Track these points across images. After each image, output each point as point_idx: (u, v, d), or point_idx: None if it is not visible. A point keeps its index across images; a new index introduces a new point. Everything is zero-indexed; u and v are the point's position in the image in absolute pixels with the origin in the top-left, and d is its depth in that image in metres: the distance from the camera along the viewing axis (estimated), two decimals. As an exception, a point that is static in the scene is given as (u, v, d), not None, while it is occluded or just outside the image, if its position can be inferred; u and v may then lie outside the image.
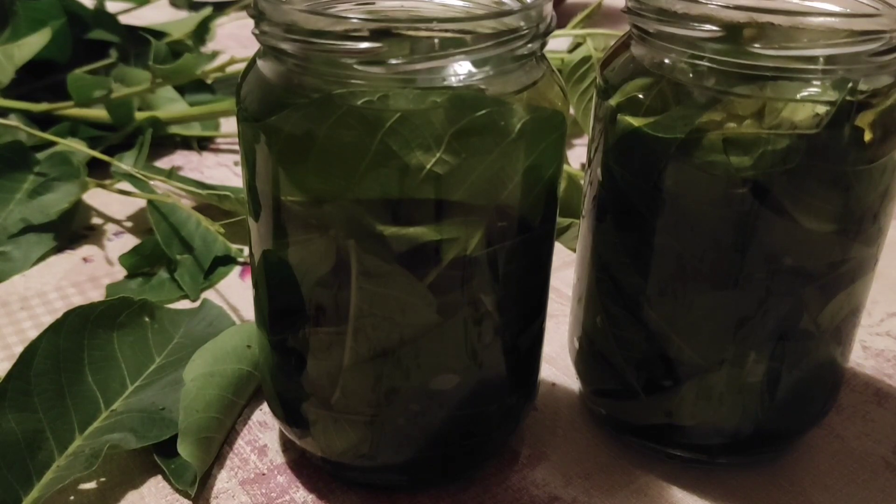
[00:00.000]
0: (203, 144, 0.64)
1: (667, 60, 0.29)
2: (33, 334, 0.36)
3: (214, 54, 0.79)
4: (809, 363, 0.32)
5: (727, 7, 0.28)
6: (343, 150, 0.25)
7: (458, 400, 0.30)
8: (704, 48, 0.28)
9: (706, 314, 0.30)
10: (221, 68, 0.61)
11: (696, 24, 0.28)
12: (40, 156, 0.53)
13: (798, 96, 0.27)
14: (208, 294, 0.45)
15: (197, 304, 0.42)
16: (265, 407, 0.37)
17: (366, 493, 0.33)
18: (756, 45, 0.27)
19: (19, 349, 0.35)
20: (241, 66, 0.64)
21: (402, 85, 0.25)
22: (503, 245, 0.28)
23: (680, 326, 0.31)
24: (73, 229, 0.51)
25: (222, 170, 0.60)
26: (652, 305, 0.31)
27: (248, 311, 0.44)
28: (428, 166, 0.25)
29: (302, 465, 0.34)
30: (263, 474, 0.34)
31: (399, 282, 0.27)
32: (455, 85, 0.26)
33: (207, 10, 0.83)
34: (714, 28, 0.28)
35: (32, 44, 0.61)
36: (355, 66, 0.25)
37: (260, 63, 0.28)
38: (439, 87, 0.26)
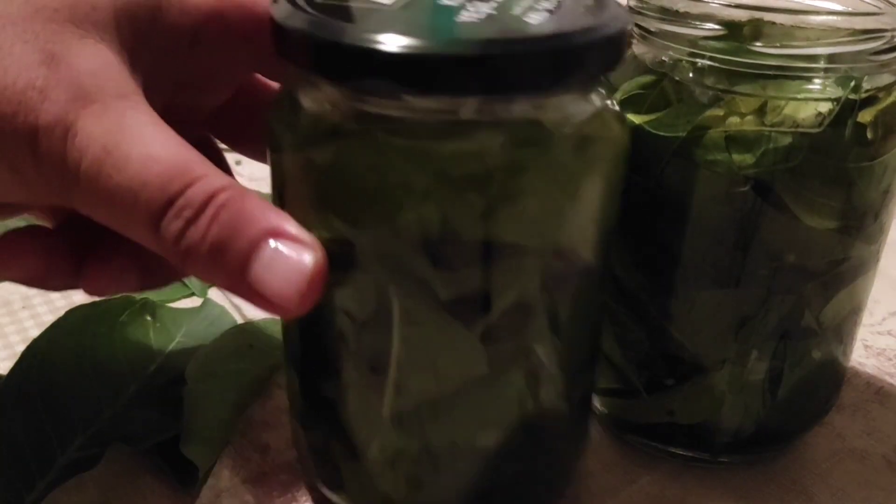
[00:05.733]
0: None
1: (668, 59, 0.29)
2: (35, 333, 0.36)
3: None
4: (811, 361, 0.32)
5: (729, 6, 0.28)
6: (384, 187, 0.23)
7: (505, 456, 0.28)
8: (706, 47, 0.28)
9: (708, 312, 0.30)
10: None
11: (697, 23, 0.28)
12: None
13: (800, 94, 0.27)
14: (210, 293, 0.45)
15: (199, 303, 0.42)
16: (267, 406, 0.37)
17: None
18: (758, 44, 0.27)
19: (21, 348, 0.35)
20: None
21: (450, 116, 0.23)
22: (559, 290, 0.26)
23: (682, 325, 0.31)
24: (75, 229, 0.51)
25: (224, 169, 0.60)
26: (654, 304, 0.31)
27: (249, 309, 0.44)
28: (479, 205, 0.23)
29: (304, 463, 0.34)
30: (266, 473, 0.34)
31: (446, 330, 0.25)
32: (509, 117, 0.23)
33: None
34: (716, 27, 0.28)
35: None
36: (401, 95, 0.22)
37: (294, 86, 0.25)
38: (492, 119, 0.23)
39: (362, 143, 0.23)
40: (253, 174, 0.59)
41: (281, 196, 0.26)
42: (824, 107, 0.27)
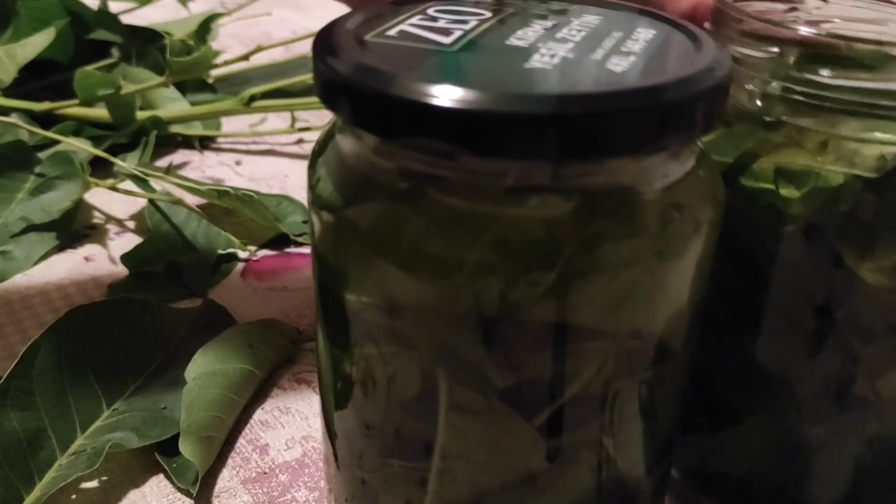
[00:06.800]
0: (204, 143, 0.64)
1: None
2: (35, 333, 0.36)
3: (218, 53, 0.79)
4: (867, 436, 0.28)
5: (807, 32, 0.25)
6: (433, 255, 0.20)
7: None
8: (779, 74, 0.25)
9: (740, 361, 0.28)
10: (231, 62, 0.61)
11: (766, 47, 0.25)
12: (42, 155, 0.53)
13: (866, 134, 0.24)
14: (210, 292, 0.45)
15: (199, 303, 0.42)
16: (266, 406, 0.37)
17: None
18: (825, 73, 0.24)
19: (21, 348, 0.35)
20: (245, 65, 0.64)
21: (516, 181, 0.20)
22: (635, 378, 0.22)
23: (707, 369, 0.28)
24: (75, 228, 0.51)
25: (224, 169, 0.60)
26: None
27: (249, 309, 0.44)
28: (545, 283, 0.20)
29: (303, 464, 0.34)
30: (265, 473, 0.34)
31: (500, 421, 0.22)
32: (585, 181, 0.20)
33: (210, 10, 0.83)
34: (773, 50, 0.25)
35: (36, 43, 0.61)
36: (458, 157, 0.19)
37: (338, 137, 0.22)
38: (564, 183, 0.20)
39: (410, 204, 0.20)
40: (253, 174, 0.59)
41: (321, 260, 0.23)
42: (889, 150, 0.24)
